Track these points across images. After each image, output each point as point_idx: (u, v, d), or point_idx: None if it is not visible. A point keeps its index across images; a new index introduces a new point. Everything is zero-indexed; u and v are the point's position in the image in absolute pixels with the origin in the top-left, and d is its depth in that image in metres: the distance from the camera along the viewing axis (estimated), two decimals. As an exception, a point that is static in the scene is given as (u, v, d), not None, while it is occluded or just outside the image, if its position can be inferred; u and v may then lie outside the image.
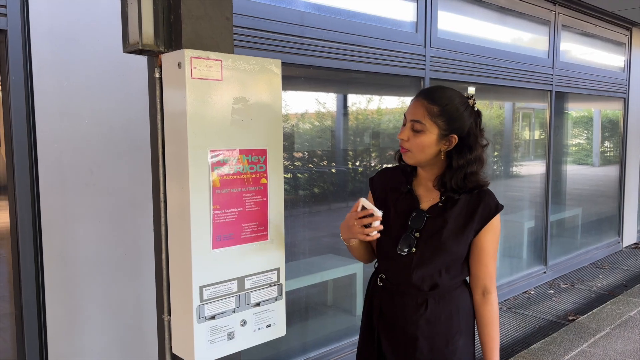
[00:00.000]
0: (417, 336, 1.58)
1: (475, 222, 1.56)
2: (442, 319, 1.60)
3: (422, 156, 1.55)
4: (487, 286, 1.62)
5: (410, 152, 1.55)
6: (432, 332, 1.59)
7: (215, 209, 1.42)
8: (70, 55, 2.05)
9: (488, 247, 1.59)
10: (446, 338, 1.60)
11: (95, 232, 2.16)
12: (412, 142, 1.53)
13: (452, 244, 1.56)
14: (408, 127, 1.54)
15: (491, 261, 1.62)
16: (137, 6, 1.41)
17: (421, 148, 1.54)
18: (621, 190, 6.42)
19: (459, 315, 1.62)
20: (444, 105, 1.52)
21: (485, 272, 1.61)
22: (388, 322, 1.63)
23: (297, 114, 3.27)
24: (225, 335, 1.48)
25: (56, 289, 2.08)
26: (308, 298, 3.31)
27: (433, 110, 1.52)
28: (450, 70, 3.86)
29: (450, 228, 1.56)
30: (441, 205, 1.58)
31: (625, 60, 6.17)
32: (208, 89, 1.39)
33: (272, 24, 2.70)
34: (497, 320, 1.64)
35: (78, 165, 2.11)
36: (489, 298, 1.62)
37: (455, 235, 1.56)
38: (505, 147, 5.05)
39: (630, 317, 4.01)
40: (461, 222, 1.57)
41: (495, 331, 1.63)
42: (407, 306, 1.59)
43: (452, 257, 1.58)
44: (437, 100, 1.53)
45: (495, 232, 1.60)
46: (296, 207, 3.24)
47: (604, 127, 6.54)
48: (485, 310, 1.63)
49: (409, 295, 1.59)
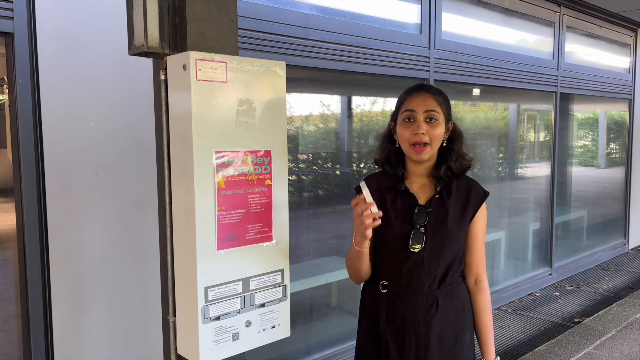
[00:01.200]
0: (429, 337, 1.57)
1: (470, 209, 1.60)
2: (450, 317, 1.60)
3: (436, 148, 1.57)
4: (479, 274, 1.65)
5: (430, 146, 1.54)
6: (442, 331, 1.59)
7: (220, 210, 1.43)
8: (76, 57, 2.07)
9: (480, 233, 1.63)
10: (455, 335, 1.61)
11: (101, 233, 2.17)
12: (431, 133, 1.54)
13: (458, 232, 1.58)
14: (422, 120, 1.53)
15: (482, 247, 1.65)
16: (142, 9, 1.42)
17: (438, 139, 1.56)
18: (627, 192, 6.39)
19: (464, 311, 1.63)
20: (443, 94, 1.59)
21: (478, 259, 1.64)
22: (398, 328, 1.60)
23: (301, 116, 3.28)
24: (230, 336, 1.49)
25: (62, 290, 2.09)
26: (312, 300, 3.31)
27: (439, 100, 1.57)
28: (454, 72, 3.86)
29: (452, 217, 1.58)
30: (438, 196, 1.60)
31: (631, 61, 6.15)
32: (213, 91, 1.40)
33: (276, 26, 2.71)
34: (490, 307, 1.67)
35: (84, 167, 2.12)
36: (482, 285, 1.65)
37: (458, 223, 1.58)
38: (510, 149, 5.04)
39: (636, 320, 3.99)
40: (459, 209, 1.59)
41: (489, 318, 1.66)
42: (418, 307, 1.58)
43: (458, 246, 1.60)
44: (437, 91, 1.59)
45: (485, 217, 1.65)
46: (301, 209, 3.24)
47: (609, 128, 6.51)
48: (479, 298, 1.65)
49: (420, 295, 1.58)
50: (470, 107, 4.63)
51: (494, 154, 4.84)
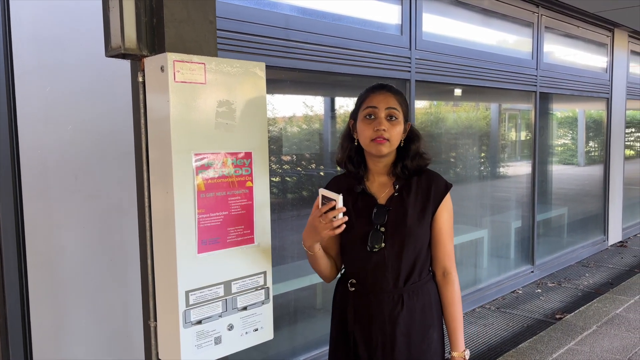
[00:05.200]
0: (396, 334, 1.59)
1: (431, 204, 1.62)
2: (417, 314, 1.61)
3: (395, 145, 1.61)
4: (447, 266, 1.66)
5: (389, 142, 1.58)
6: (408, 328, 1.60)
7: (200, 213, 1.42)
8: (53, 59, 2.03)
9: (445, 226, 1.64)
10: (422, 333, 1.62)
11: (81, 238, 2.14)
12: (391, 131, 1.58)
13: (418, 228, 1.60)
14: (383, 117, 1.58)
15: (449, 241, 1.66)
16: (118, 10, 1.40)
17: (397, 136, 1.60)
18: (605, 189, 6.50)
19: (432, 308, 1.65)
20: (403, 95, 1.64)
21: (445, 252, 1.65)
22: (365, 325, 1.63)
23: (285, 117, 3.27)
24: (212, 339, 1.48)
25: (41, 296, 2.06)
26: (297, 301, 3.30)
27: (400, 99, 1.61)
28: (435, 72, 3.88)
29: (412, 214, 1.60)
30: (397, 195, 1.62)
31: (608, 61, 6.26)
32: (191, 93, 1.38)
33: (257, 27, 2.70)
34: (460, 300, 1.67)
35: (62, 171, 2.08)
36: (450, 278, 1.66)
37: (418, 220, 1.60)
38: (492, 148, 5.09)
39: (616, 315, 4.06)
40: (419, 206, 1.61)
41: (459, 311, 1.66)
42: (383, 305, 1.60)
43: (419, 242, 1.61)
44: (398, 91, 1.64)
45: (449, 210, 1.66)
46: (285, 210, 3.23)
47: (588, 127, 6.62)
48: (447, 290, 1.66)
49: (385, 293, 1.60)
50: (452, 107, 4.67)
51: (476, 154, 4.89)
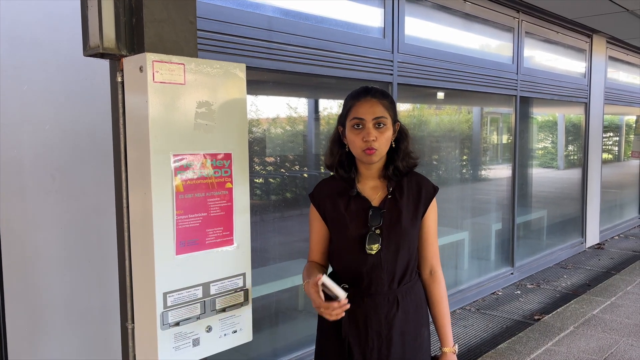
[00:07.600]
0: (392, 336, 1.60)
1: (422, 205, 1.65)
2: (411, 314, 1.63)
3: (384, 151, 1.62)
4: (434, 265, 1.70)
5: (378, 151, 1.59)
6: (403, 329, 1.62)
7: (179, 215, 1.41)
8: (30, 57, 2.00)
9: (432, 226, 1.69)
10: (415, 332, 1.65)
11: (58, 238, 2.11)
12: (380, 140, 1.58)
13: (412, 229, 1.63)
14: (371, 127, 1.58)
15: (435, 240, 1.71)
16: (97, 8, 1.39)
17: (386, 143, 1.61)
18: (583, 192, 6.62)
19: (422, 307, 1.68)
20: (389, 97, 1.64)
21: (432, 252, 1.70)
22: (360, 329, 1.62)
23: (268, 119, 3.26)
24: (190, 341, 1.47)
25: (16, 298, 2.02)
26: (279, 303, 3.30)
27: (386, 104, 1.61)
28: (417, 76, 3.91)
29: (406, 216, 1.62)
30: (391, 197, 1.64)
31: (586, 66, 6.38)
32: (171, 93, 1.38)
33: (239, 28, 2.70)
34: (446, 297, 1.72)
35: (39, 171, 2.05)
36: (437, 276, 1.70)
37: (411, 221, 1.63)
38: (474, 152, 5.15)
39: (593, 316, 4.13)
40: (412, 207, 1.64)
41: (446, 308, 1.71)
42: (379, 307, 1.61)
43: (413, 243, 1.65)
44: (384, 95, 1.64)
45: (436, 211, 1.71)
46: (267, 211, 3.22)
47: (567, 131, 6.73)
48: (435, 288, 1.70)
49: (380, 295, 1.61)
50: (434, 110, 4.71)
51: (457, 156, 4.93)
